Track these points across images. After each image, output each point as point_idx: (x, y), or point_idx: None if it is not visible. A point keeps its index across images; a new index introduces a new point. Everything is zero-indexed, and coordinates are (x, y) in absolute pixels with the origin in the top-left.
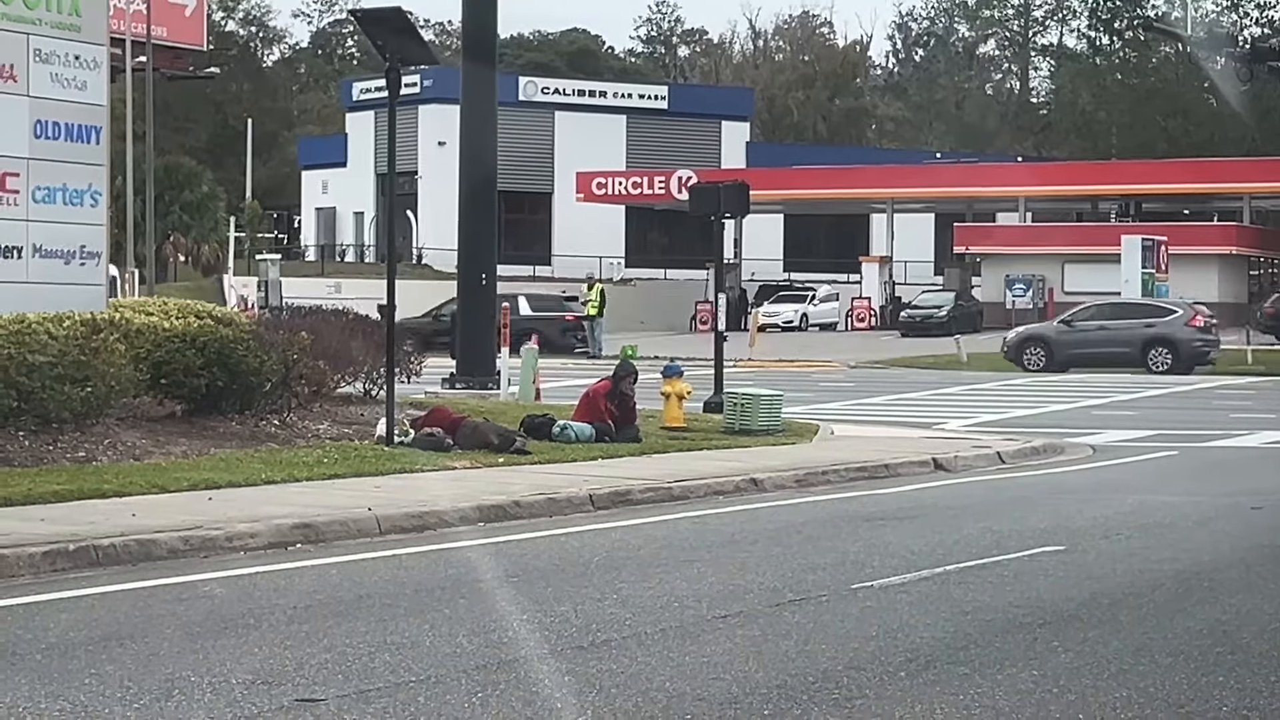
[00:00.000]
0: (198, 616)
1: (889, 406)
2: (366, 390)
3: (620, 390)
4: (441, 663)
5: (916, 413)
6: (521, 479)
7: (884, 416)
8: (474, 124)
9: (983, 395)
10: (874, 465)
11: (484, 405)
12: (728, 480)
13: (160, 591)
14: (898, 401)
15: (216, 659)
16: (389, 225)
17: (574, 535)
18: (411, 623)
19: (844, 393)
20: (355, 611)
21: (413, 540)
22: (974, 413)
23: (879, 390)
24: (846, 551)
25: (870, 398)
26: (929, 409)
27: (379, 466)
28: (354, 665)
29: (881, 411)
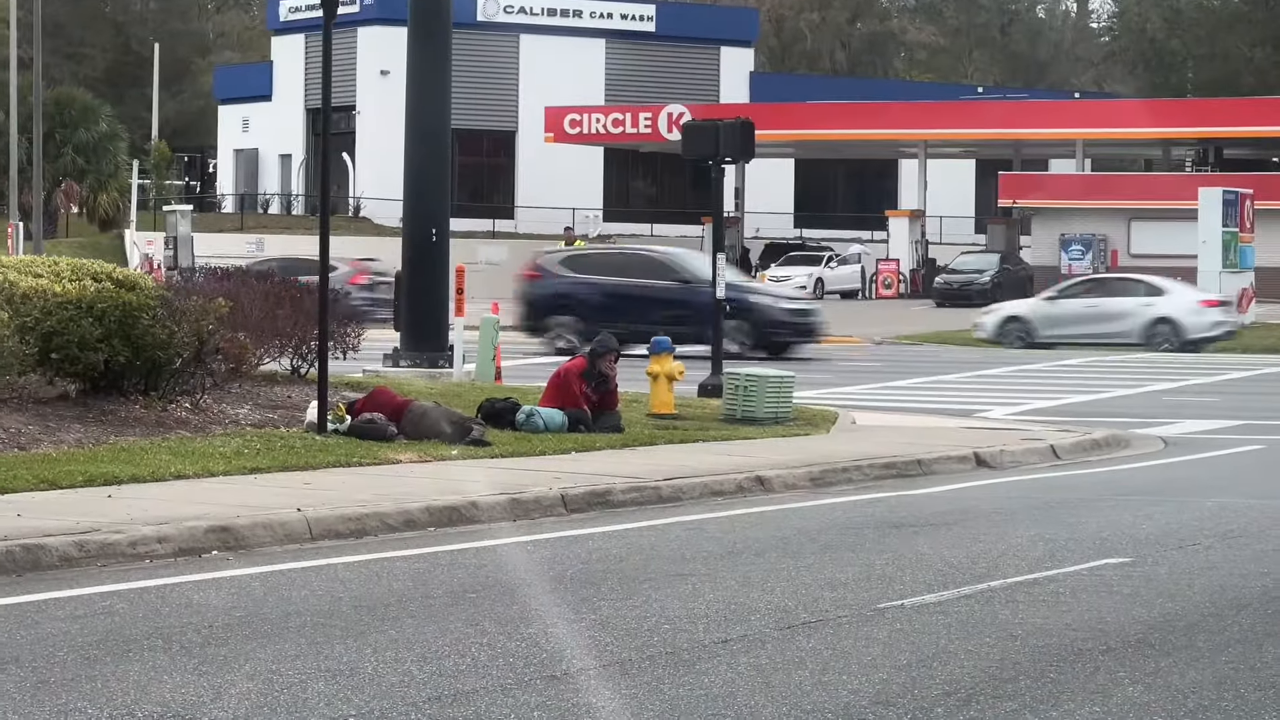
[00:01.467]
0: (95, 637)
1: (921, 391)
2: (295, 368)
3: (598, 370)
4: (386, 694)
5: (954, 398)
6: (480, 475)
7: (915, 402)
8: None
9: (1033, 378)
10: (904, 461)
11: (434, 387)
12: (728, 478)
13: (51, 607)
14: (932, 385)
15: (118, 687)
16: (322, 171)
17: (543, 543)
18: (350, 646)
19: (867, 374)
20: (282, 632)
21: (350, 547)
22: (1023, 398)
23: (909, 371)
24: (871, 564)
25: (899, 380)
26: (969, 394)
27: (310, 459)
28: (282, 696)
29: (912, 397)
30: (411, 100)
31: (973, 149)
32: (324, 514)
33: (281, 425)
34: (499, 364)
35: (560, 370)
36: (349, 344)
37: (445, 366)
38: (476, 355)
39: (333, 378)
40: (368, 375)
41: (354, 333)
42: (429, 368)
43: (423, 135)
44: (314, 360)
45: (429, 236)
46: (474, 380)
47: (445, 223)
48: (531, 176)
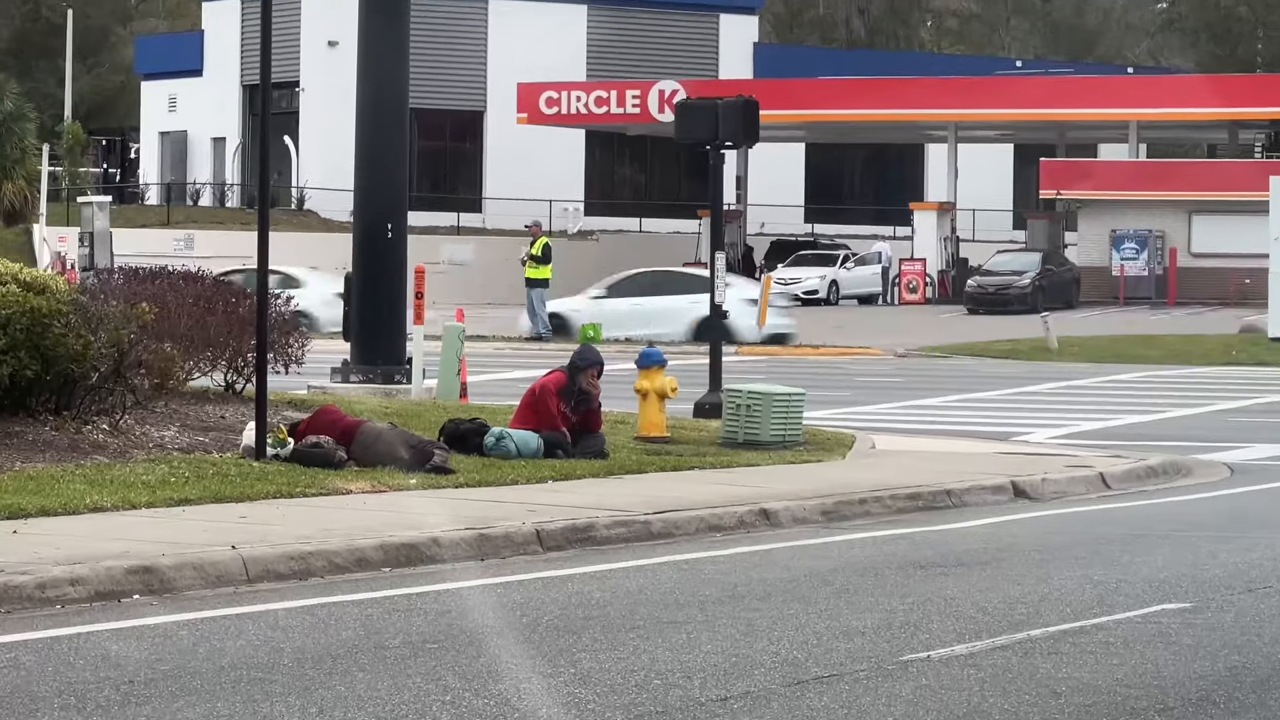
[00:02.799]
0: None
1: (951, 410)
2: (229, 383)
3: (579, 386)
4: None
5: (989, 419)
6: (442, 508)
7: (944, 423)
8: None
9: (1081, 395)
10: (931, 491)
11: (390, 405)
12: (728, 511)
13: None
14: (963, 403)
15: None
16: (261, 157)
17: (515, 586)
18: (292, 704)
19: (890, 390)
20: (214, 688)
21: (293, 591)
22: (1068, 419)
23: (937, 387)
24: (893, 610)
25: (926, 398)
26: (1007, 414)
27: (246, 489)
28: None
29: (941, 417)
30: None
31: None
32: (262, 552)
33: (214, 450)
34: (464, 379)
35: (535, 387)
36: (292, 356)
37: (402, 382)
38: (438, 369)
39: (273, 395)
40: (313, 392)
41: (297, 343)
42: (384, 384)
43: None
44: (251, 375)
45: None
46: (435, 398)
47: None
48: (502, 163)
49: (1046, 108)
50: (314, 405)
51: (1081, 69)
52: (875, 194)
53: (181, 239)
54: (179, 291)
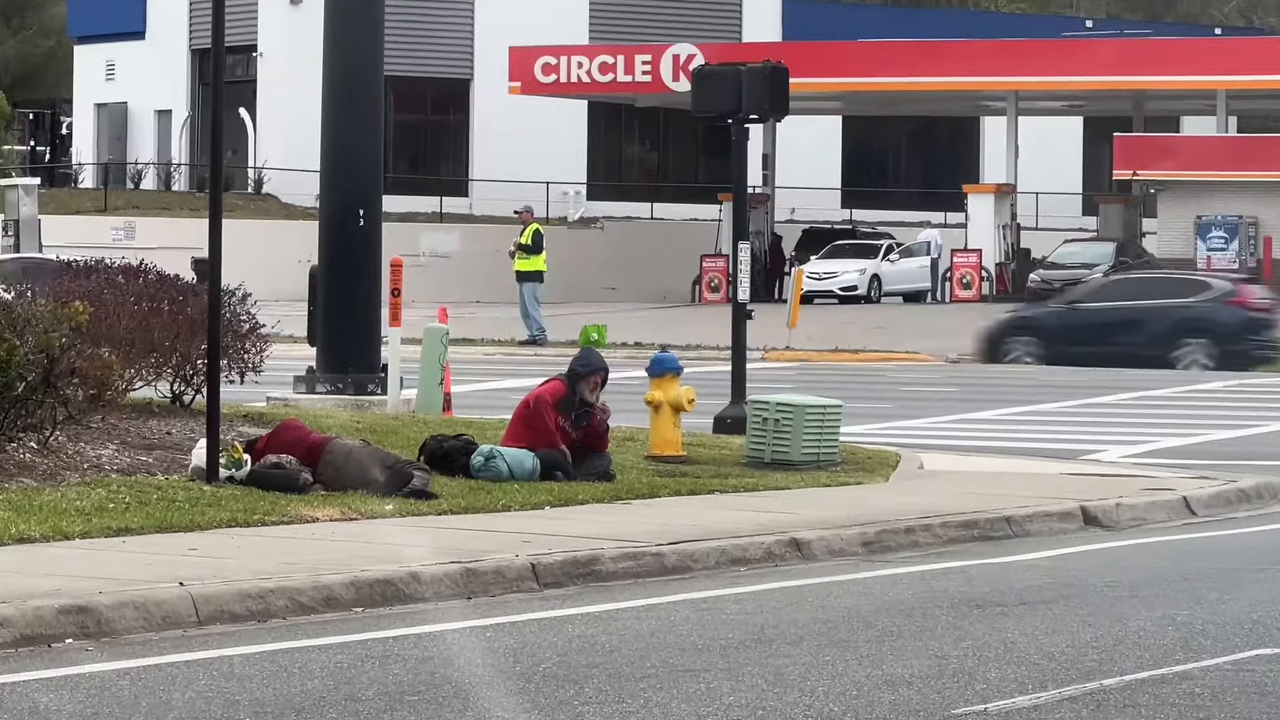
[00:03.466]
0: None
1: (1011, 424)
2: (177, 395)
3: (580, 397)
4: None
5: (1055, 434)
6: (423, 538)
7: (1003, 440)
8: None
9: (1161, 407)
10: (988, 519)
11: (362, 420)
12: (753, 541)
13: None
14: (1025, 416)
15: None
16: (213, 132)
17: (507, 628)
18: None
19: (940, 402)
20: None
21: (250, 634)
22: (1146, 434)
23: (995, 398)
24: (944, 656)
25: (981, 410)
26: (1076, 428)
27: (196, 516)
28: None
29: (999, 432)
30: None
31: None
32: (215, 590)
33: (158, 471)
34: (448, 390)
35: (529, 398)
36: (249, 363)
37: (377, 393)
38: (418, 378)
39: (227, 408)
40: (273, 405)
41: (255, 348)
42: (355, 394)
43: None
44: (202, 385)
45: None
46: (415, 412)
47: (376, 202)
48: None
49: (1121, 74)
50: (274, 420)
51: (1161, 30)
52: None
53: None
54: (118, 288)
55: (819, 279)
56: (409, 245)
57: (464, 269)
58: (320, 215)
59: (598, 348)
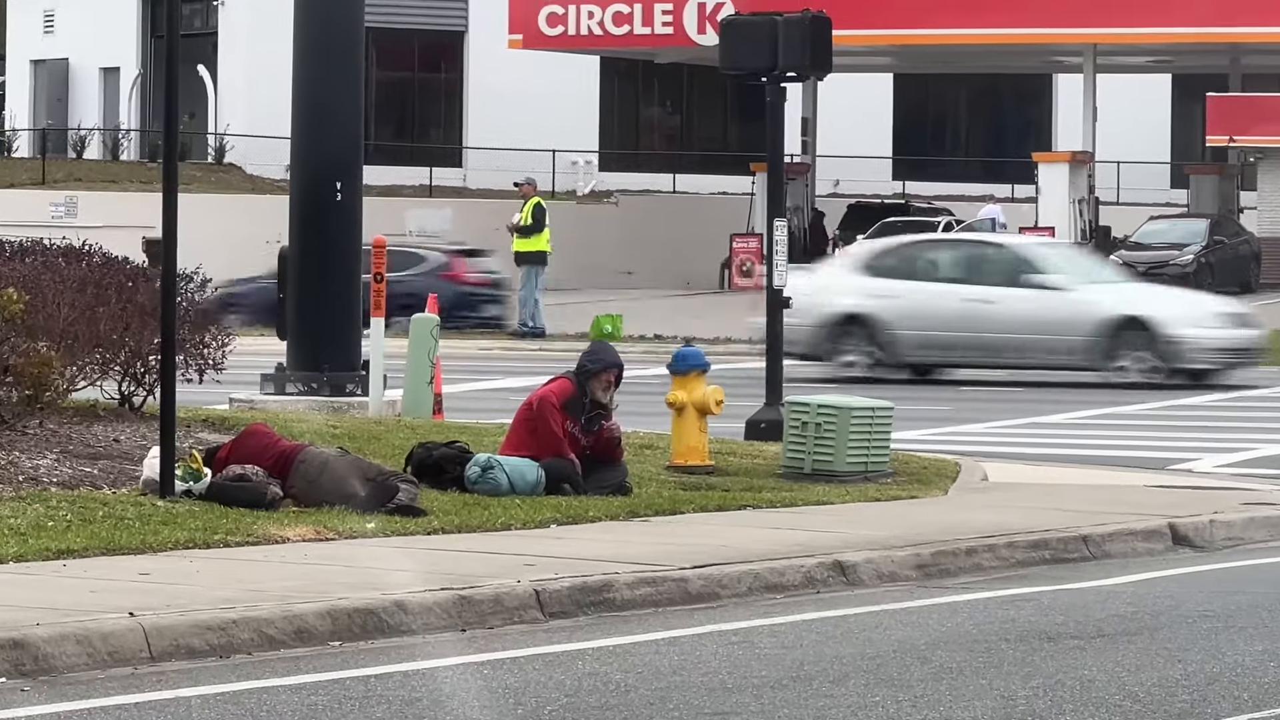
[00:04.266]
0: None
1: (1088, 429)
2: (126, 396)
3: (591, 399)
4: None
5: (1138, 440)
6: (410, 561)
7: (1078, 446)
8: None
9: (1261, 408)
10: (1061, 538)
11: (340, 424)
12: (791, 564)
13: None
14: (1104, 419)
15: None
16: (168, 93)
17: (507, 665)
18: None
19: (1006, 403)
20: None
21: (211, 672)
22: (1244, 441)
23: (1069, 399)
24: (1012, 697)
25: (1053, 412)
26: (1161, 433)
27: (149, 536)
28: None
29: (1074, 438)
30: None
31: (1167, 58)
32: (170, 621)
33: (104, 484)
34: (439, 390)
35: (532, 399)
36: (209, 359)
37: (356, 393)
38: (405, 377)
39: (185, 411)
40: (238, 407)
41: (217, 342)
42: (331, 395)
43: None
44: (155, 384)
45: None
46: (401, 415)
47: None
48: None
49: (1215, 25)
50: (239, 425)
51: None
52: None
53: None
54: (58, 273)
55: None
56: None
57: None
58: (291, 189)
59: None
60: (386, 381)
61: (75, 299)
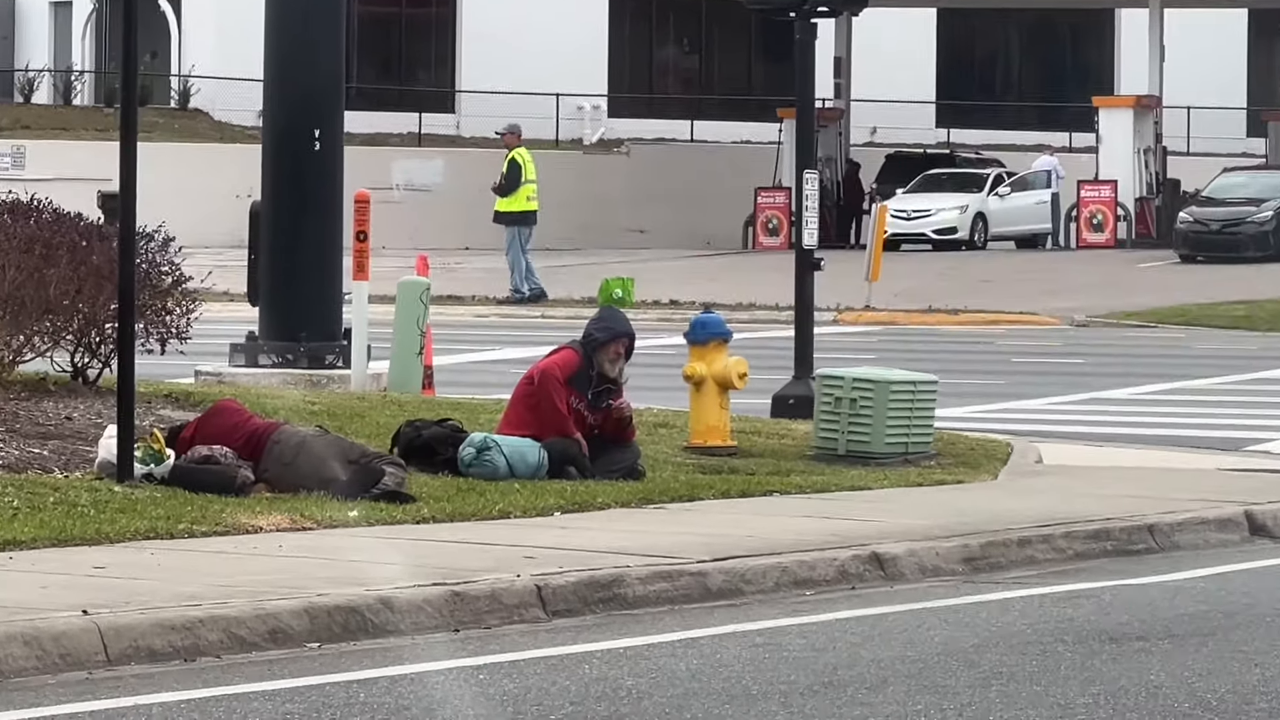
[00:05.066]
0: None
1: (1154, 406)
2: (79, 368)
3: (598, 371)
4: None
5: (1210, 419)
6: (397, 554)
7: (1143, 426)
8: None
9: None
10: (1125, 528)
11: (319, 400)
12: (823, 556)
13: None
14: (1171, 396)
15: None
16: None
17: (506, 669)
18: None
19: (1063, 377)
20: None
21: (175, 677)
22: None
23: (1134, 372)
24: (1070, 705)
25: (1116, 388)
26: (1236, 411)
27: (104, 526)
28: None
29: (1138, 416)
30: None
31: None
32: (129, 620)
33: (55, 467)
34: (429, 362)
35: (533, 372)
36: (172, 327)
37: (337, 366)
38: (391, 347)
39: (145, 385)
40: (204, 381)
41: (181, 308)
42: (309, 368)
43: None
44: (111, 355)
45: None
46: (387, 390)
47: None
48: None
49: None
50: (205, 401)
51: None
52: (1041, 85)
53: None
54: (2, 231)
55: (908, 218)
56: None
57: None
58: (264, 137)
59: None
60: (371, 353)
61: (21, 260)
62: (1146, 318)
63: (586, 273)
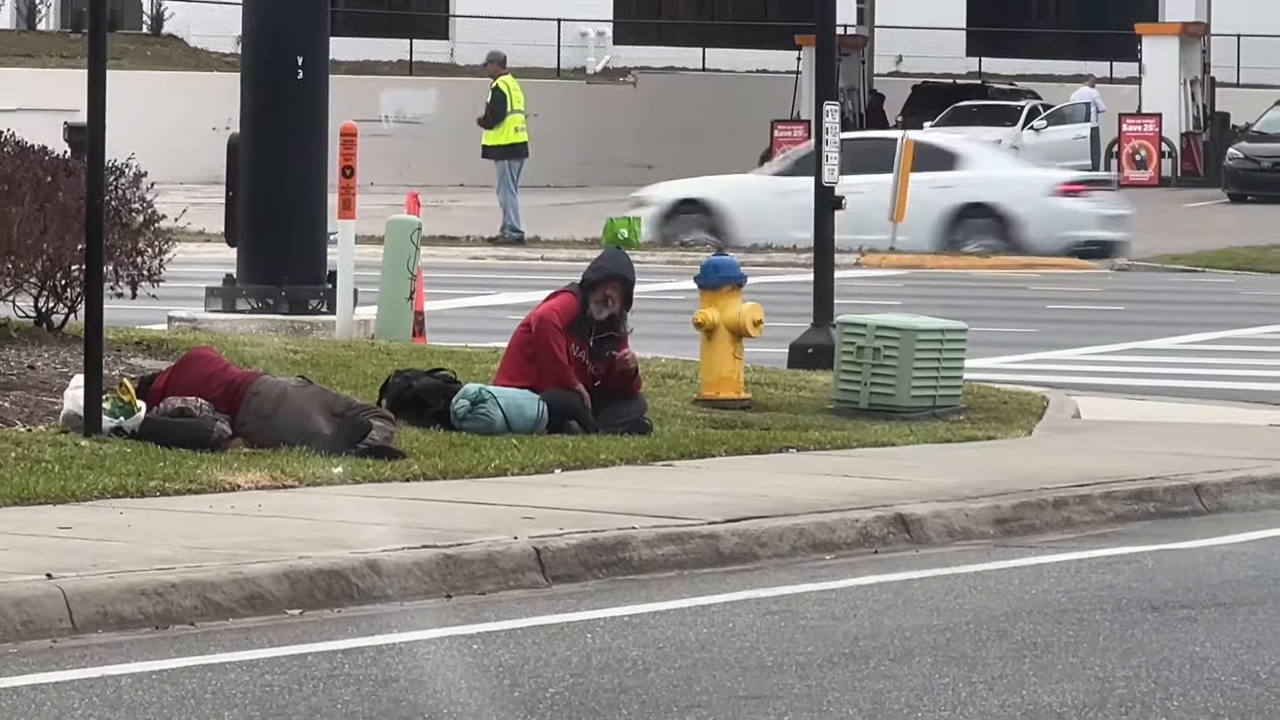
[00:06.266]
0: None
1: (1200, 357)
2: (43, 314)
3: (601, 317)
4: None
5: (1260, 372)
6: (385, 513)
7: (1188, 378)
8: None
9: None
10: (1168, 487)
11: (301, 348)
12: (844, 518)
13: None
14: (1220, 345)
15: None
16: None
17: (501, 638)
18: None
19: (1101, 326)
20: None
21: (145, 645)
22: None
23: (1177, 320)
24: (1109, 678)
25: (1158, 337)
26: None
27: (70, 483)
28: None
29: (1183, 367)
30: None
31: None
32: (96, 584)
33: (17, 420)
34: (420, 307)
35: (530, 319)
36: (144, 269)
37: (321, 311)
38: (379, 291)
39: (114, 332)
40: (178, 327)
41: (153, 249)
42: (291, 313)
43: None
44: (78, 299)
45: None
46: (375, 337)
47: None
48: None
49: None
50: (179, 348)
51: None
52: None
53: None
54: None
55: None
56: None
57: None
58: (242, 65)
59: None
60: (357, 297)
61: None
62: (1192, 261)
63: (591, 211)
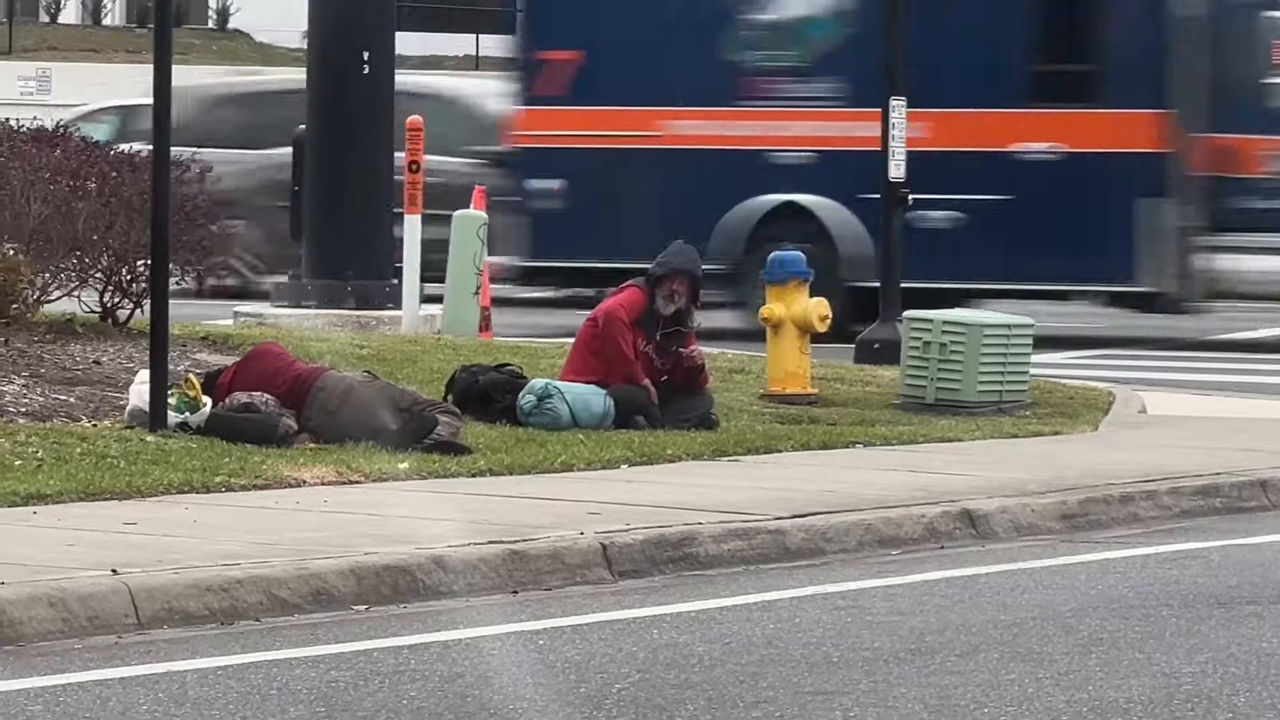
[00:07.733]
0: None
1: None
2: (109, 309)
3: (668, 312)
4: None
5: None
6: (451, 509)
7: (1258, 373)
8: None
9: None
10: (1236, 483)
11: (367, 344)
12: (910, 513)
13: None
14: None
15: None
16: None
17: (567, 634)
18: None
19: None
20: None
21: (211, 642)
22: None
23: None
24: (1176, 674)
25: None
26: None
27: (135, 479)
28: None
29: (1252, 363)
30: None
31: None
32: (162, 580)
33: (83, 415)
34: (487, 303)
35: (597, 314)
36: (210, 266)
37: (387, 307)
38: (446, 287)
39: (180, 327)
40: (244, 323)
41: (220, 246)
42: (357, 309)
43: None
44: (144, 295)
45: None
46: (441, 333)
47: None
48: None
49: None
50: (245, 344)
51: None
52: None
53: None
54: (27, 161)
55: None
56: None
57: None
58: (308, 59)
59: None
60: (424, 292)
61: (48, 192)
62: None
63: None
